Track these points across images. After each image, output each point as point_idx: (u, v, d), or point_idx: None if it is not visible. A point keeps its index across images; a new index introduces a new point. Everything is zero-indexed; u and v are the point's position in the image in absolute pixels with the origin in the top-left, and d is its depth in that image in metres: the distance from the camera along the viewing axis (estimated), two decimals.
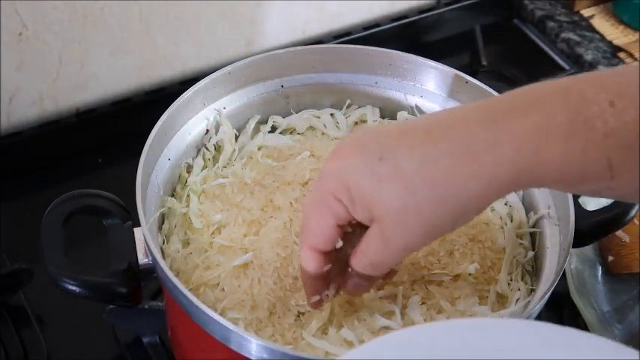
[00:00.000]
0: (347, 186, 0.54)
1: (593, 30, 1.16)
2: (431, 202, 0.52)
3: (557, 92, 0.51)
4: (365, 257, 0.57)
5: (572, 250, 0.68)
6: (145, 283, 0.68)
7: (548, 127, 0.50)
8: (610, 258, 0.86)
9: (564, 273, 0.82)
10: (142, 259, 0.67)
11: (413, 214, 0.52)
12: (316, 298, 0.61)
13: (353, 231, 0.58)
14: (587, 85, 0.51)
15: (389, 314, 0.65)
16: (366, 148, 0.54)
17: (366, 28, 1.12)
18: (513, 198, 0.74)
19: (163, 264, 0.63)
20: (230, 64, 0.77)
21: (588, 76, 0.52)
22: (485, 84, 0.76)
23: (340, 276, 0.61)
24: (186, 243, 0.70)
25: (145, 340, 0.80)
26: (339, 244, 0.58)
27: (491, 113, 0.52)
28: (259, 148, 0.77)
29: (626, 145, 0.49)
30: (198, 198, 0.73)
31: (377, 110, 0.81)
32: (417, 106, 0.80)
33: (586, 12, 1.19)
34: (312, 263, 0.59)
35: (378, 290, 0.66)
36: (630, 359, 0.47)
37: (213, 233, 0.70)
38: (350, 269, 0.59)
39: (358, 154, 0.54)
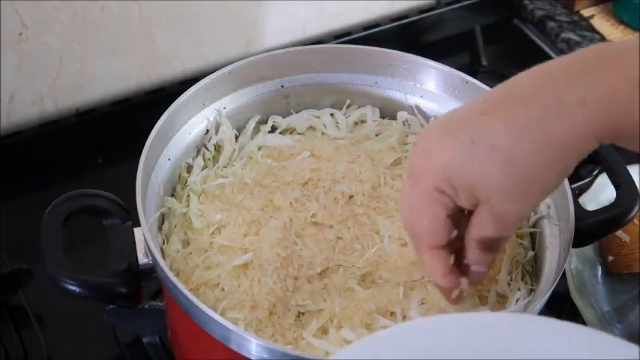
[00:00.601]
0: (447, 177, 0.55)
1: (593, 30, 1.16)
2: (532, 172, 0.53)
3: (634, 50, 0.52)
4: (482, 240, 0.57)
5: (572, 250, 0.68)
6: (145, 283, 0.68)
7: (635, 80, 0.51)
8: (610, 258, 0.86)
9: (564, 273, 0.82)
10: (142, 259, 0.67)
11: (518, 187, 0.54)
12: (457, 292, 0.60)
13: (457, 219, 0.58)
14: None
15: (389, 314, 0.65)
16: (453, 135, 0.54)
17: (366, 28, 1.12)
18: None
19: (163, 264, 0.63)
20: (230, 64, 0.77)
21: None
22: (485, 84, 0.76)
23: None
24: (186, 243, 0.70)
25: (145, 340, 0.80)
26: (454, 233, 0.58)
27: (570, 71, 0.53)
28: (259, 148, 0.77)
29: None
30: (198, 198, 0.73)
31: (377, 110, 0.81)
32: (417, 106, 0.80)
33: (586, 12, 1.18)
34: (439, 262, 0.58)
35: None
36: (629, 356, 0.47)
37: (213, 233, 0.70)
38: (466, 259, 0.59)
39: (448, 143, 0.55)
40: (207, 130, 0.76)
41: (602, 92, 0.52)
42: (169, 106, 0.73)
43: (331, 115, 0.81)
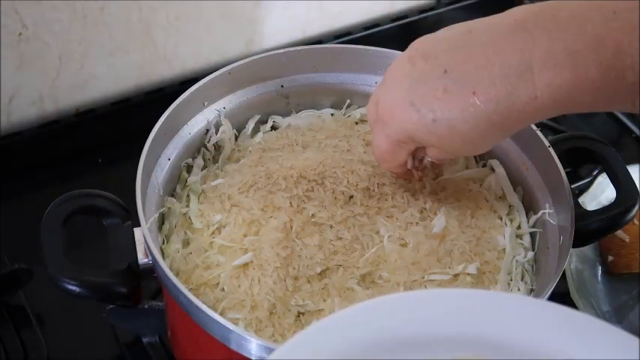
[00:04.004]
0: (410, 137, 0.64)
1: None
2: (487, 143, 0.64)
3: (592, 43, 0.56)
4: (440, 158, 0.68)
5: (572, 250, 0.68)
6: (145, 283, 0.68)
7: (583, 81, 0.56)
8: (610, 258, 0.86)
9: (564, 273, 0.82)
10: (142, 259, 0.67)
11: (471, 149, 0.65)
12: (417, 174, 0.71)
13: None
14: (622, 35, 0.55)
15: None
16: (416, 109, 0.62)
17: (366, 28, 1.12)
18: (513, 198, 0.74)
19: (163, 264, 0.63)
20: (230, 64, 0.77)
21: (623, 22, 0.56)
22: None
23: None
24: (186, 243, 0.70)
25: (145, 340, 0.80)
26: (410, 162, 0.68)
27: (528, 58, 0.58)
28: (259, 147, 0.77)
29: None
30: (198, 198, 0.73)
31: None
32: None
33: None
34: (399, 169, 0.70)
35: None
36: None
37: (213, 233, 0.70)
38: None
39: (411, 115, 0.62)
40: (207, 130, 0.77)
41: (552, 88, 0.57)
42: (169, 106, 0.73)
43: (331, 115, 0.81)
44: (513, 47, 0.58)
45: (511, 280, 0.68)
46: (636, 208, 0.71)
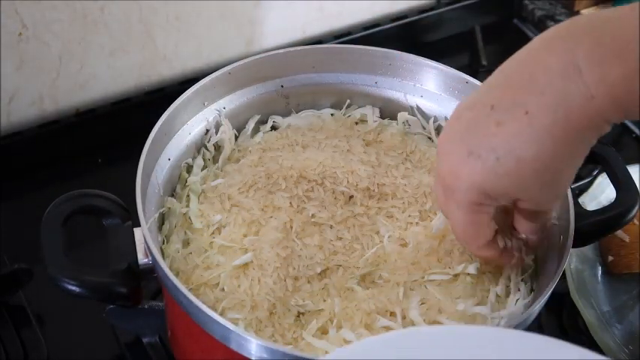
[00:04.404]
0: (482, 192, 0.58)
1: None
2: (559, 167, 0.57)
3: (636, 36, 0.53)
4: (533, 231, 0.64)
5: (572, 250, 0.68)
6: (145, 283, 0.68)
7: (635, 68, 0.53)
8: (610, 258, 0.86)
9: (564, 273, 0.82)
10: (142, 259, 0.67)
11: (550, 184, 0.58)
12: (514, 259, 0.66)
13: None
14: None
15: (389, 314, 0.65)
16: (477, 156, 0.57)
17: (366, 28, 1.12)
18: None
19: (163, 264, 0.63)
20: (230, 64, 0.77)
21: None
22: None
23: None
24: (186, 243, 0.70)
25: (145, 340, 0.80)
26: (495, 227, 0.63)
27: (573, 62, 0.54)
28: (259, 147, 0.77)
29: None
30: (198, 198, 0.73)
31: (377, 110, 0.81)
32: (417, 106, 0.80)
33: (586, 12, 1.19)
34: (490, 252, 0.64)
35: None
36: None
37: (213, 233, 0.70)
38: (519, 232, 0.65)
39: (473, 164, 0.57)
40: (207, 130, 0.77)
41: (606, 84, 0.53)
42: (169, 106, 0.73)
43: (331, 115, 0.81)
44: (554, 53, 0.55)
45: (510, 280, 0.68)
46: (636, 208, 0.71)
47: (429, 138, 0.80)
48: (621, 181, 0.72)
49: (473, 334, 0.50)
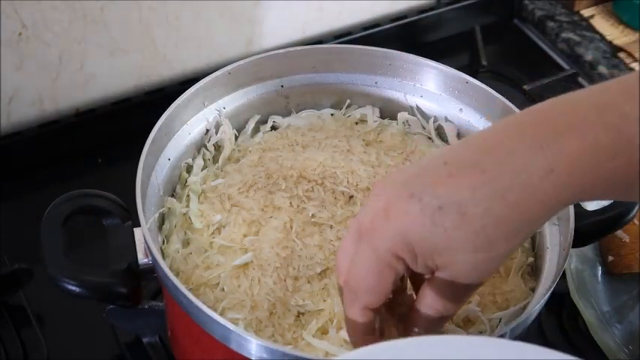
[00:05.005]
0: (407, 243, 0.52)
1: (593, 30, 1.16)
2: (504, 239, 0.52)
3: (594, 111, 0.51)
4: (436, 307, 0.55)
5: (572, 250, 0.68)
6: (145, 283, 0.68)
7: (596, 150, 0.51)
8: (610, 258, 0.86)
9: (564, 273, 0.82)
10: (142, 259, 0.67)
11: (485, 253, 0.52)
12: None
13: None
14: (624, 101, 0.51)
15: None
16: (418, 199, 0.52)
17: (366, 28, 1.12)
18: None
19: (163, 264, 0.63)
20: (230, 64, 0.77)
21: (620, 87, 0.52)
22: (485, 84, 0.76)
23: (385, 322, 0.59)
24: (186, 243, 0.70)
25: (145, 340, 0.80)
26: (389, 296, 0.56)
27: (536, 137, 0.52)
28: (259, 147, 0.77)
29: None
30: (198, 198, 0.73)
31: (377, 110, 0.81)
32: (417, 106, 0.80)
33: (586, 12, 1.19)
34: (365, 321, 0.56)
35: None
36: None
37: (213, 233, 0.70)
38: (414, 328, 0.57)
39: (412, 207, 0.52)
40: (207, 130, 0.77)
41: (567, 161, 0.51)
42: (169, 106, 0.73)
43: (331, 115, 0.81)
44: (515, 130, 0.53)
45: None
46: (636, 208, 0.71)
47: (429, 138, 0.80)
48: None
49: (477, 344, 0.50)
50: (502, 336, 0.60)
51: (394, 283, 0.55)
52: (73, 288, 0.65)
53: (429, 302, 0.56)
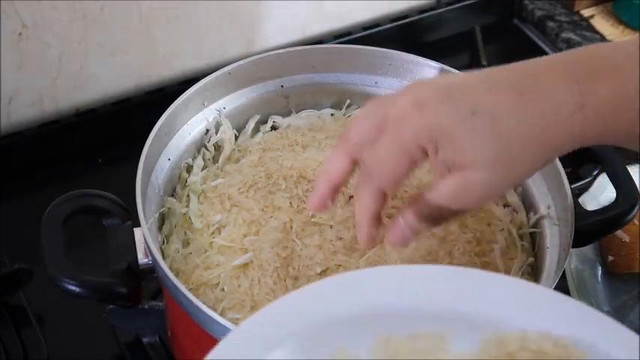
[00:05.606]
0: (435, 138, 0.54)
1: (593, 30, 1.16)
2: (524, 158, 0.55)
3: (630, 60, 0.55)
4: (436, 200, 0.57)
5: (572, 250, 0.68)
6: (145, 283, 0.68)
7: (624, 96, 0.55)
8: (610, 258, 0.86)
9: (564, 273, 0.82)
10: (142, 259, 0.67)
11: (502, 167, 0.55)
12: (372, 238, 0.61)
13: None
14: None
15: None
16: (455, 100, 0.54)
17: (366, 28, 1.12)
18: (513, 198, 0.74)
19: (163, 264, 0.63)
20: (230, 64, 0.77)
21: None
22: None
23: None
24: (186, 243, 0.70)
25: (145, 340, 0.80)
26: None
27: (575, 73, 0.55)
28: (259, 147, 0.77)
29: None
30: (198, 198, 0.73)
31: None
32: None
33: (586, 12, 1.19)
34: (376, 203, 0.58)
35: None
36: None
37: (213, 233, 0.70)
38: (400, 218, 0.59)
39: (447, 106, 0.54)
40: (207, 130, 0.77)
41: (598, 102, 0.55)
42: (169, 106, 0.73)
43: (331, 115, 0.81)
44: (556, 64, 0.57)
45: None
46: (636, 208, 0.71)
47: None
48: (621, 181, 0.72)
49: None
50: None
51: (408, 173, 0.57)
52: (73, 288, 0.65)
53: (432, 196, 0.57)
